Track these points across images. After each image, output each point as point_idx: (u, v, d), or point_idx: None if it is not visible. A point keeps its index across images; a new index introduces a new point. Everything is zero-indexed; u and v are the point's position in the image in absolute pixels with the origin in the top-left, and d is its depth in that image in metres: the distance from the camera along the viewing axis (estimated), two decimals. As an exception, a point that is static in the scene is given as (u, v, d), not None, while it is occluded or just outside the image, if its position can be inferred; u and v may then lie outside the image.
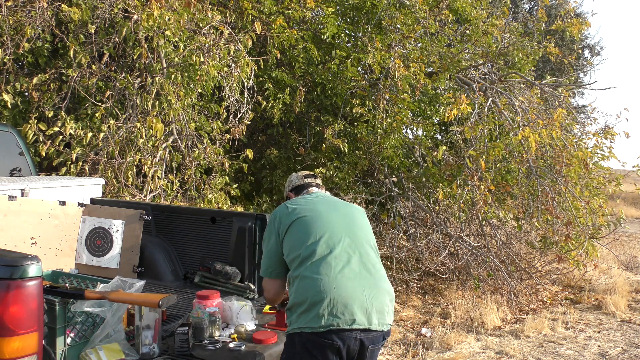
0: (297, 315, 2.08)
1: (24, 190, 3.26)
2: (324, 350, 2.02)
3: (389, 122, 6.14)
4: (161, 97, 5.09)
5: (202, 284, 3.23)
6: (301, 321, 2.05)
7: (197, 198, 5.44)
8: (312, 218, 2.22)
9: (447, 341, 4.71)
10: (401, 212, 6.64)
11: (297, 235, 2.18)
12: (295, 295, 2.09)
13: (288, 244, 2.19)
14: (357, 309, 2.05)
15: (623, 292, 6.33)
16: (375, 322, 2.08)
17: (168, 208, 3.71)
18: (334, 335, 2.02)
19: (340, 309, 2.03)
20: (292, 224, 2.21)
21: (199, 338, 2.41)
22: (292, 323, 2.10)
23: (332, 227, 2.21)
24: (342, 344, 2.03)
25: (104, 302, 2.21)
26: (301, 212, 2.24)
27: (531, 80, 7.47)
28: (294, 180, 2.59)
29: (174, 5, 5.00)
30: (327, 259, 2.11)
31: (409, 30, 6.93)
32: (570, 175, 5.96)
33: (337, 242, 2.17)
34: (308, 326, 2.03)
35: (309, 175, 2.62)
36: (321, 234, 2.17)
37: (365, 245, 2.24)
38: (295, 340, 2.07)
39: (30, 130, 4.62)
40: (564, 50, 11.59)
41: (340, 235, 2.20)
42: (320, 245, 2.13)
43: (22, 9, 4.80)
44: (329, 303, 2.02)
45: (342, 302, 2.03)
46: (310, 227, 2.19)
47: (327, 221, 2.22)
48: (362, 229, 2.29)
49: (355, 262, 2.14)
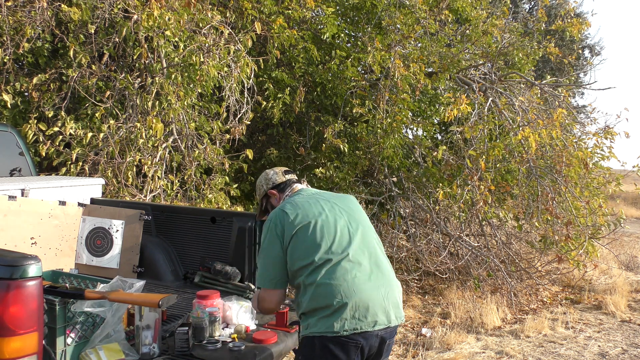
0: (317, 319, 2.06)
1: (24, 190, 3.26)
2: (348, 350, 2.04)
3: (389, 122, 6.14)
4: (161, 97, 5.09)
5: (202, 284, 3.23)
6: (321, 325, 2.04)
7: (197, 198, 5.44)
8: (318, 222, 2.17)
9: (447, 341, 4.71)
10: (401, 212, 6.64)
11: (307, 242, 2.13)
12: (312, 302, 2.07)
13: (296, 251, 2.13)
14: (378, 310, 2.08)
15: (623, 292, 6.33)
16: (393, 318, 2.13)
17: (168, 208, 3.71)
18: (357, 336, 2.04)
19: (363, 312, 2.05)
20: (297, 231, 2.15)
21: (199, 338, 2.41)
22: (310, 326, 2.07)
23: (341, 229, 2.19)
24: (365, 343, 2.06)
25: (104, 302, 2.21)
26: (305, 218, 2.18)
27: (531, 80, 7.47)
28: (273, 177, 2.47)
29: (174, 5, 5.00)
30: (342, 263, 2.10)
31: (409, 30, 6.93)
32: (570, 175, 5.96)
33: (348, 244, 2.16)
34: (331, 330, 2.02)
35: (288, 171, 2.52)
36: (332, 239, 2.14)
37: (372, 241, 2.25)
38: (315, 342, 2.06)
39: (30, 130, 4.62)
40: (564, 50, 11.59)
41: (349, 236, 2.18)
42: (334, 250, 2.12)
43: (22, 9, 4.80)
44: (352, 307, 2.04)
45: (363, 305, 2.05)
46: (319, 232, 2.15)
47: (334, 223, 2.19)
48: (364, 225, 2.29)
49: (367, 261, 2.16)
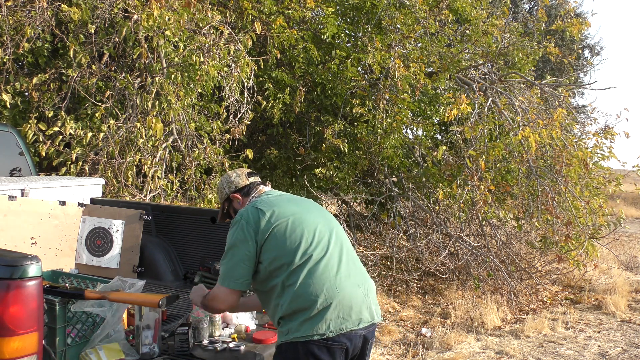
0: (299, 322, 1.98)
1: (24, 190, 3.26)
2: (333, 353, 1.99)
3: (389, 122, 6.14)
4: (161, 97, 5.09)
5: (202, 284, 3.22)
6: (306, 328, 1.97)
7: (197, 198, 5.44)
8: (295, 221, 2.10)
9: (447, 341, 4.71)
10: (401, 212, 6.64)
11: (286, 240, 2.05)
12: (293, 303, 1.99)
13: (273, 250, 2.04)
14: (362, 308, 2.05)
15: (623, 292, 6.33)
16: (375, 315, 2.11)
17: (168, 208, 3.71)
18: (342, 337, 2.00)
19: (347, 311, 2.01)
20: (274, 228, 2.06)
21: (199, 338, 2.42)
22: (292, 331, 1.99)
23: (316, 229, 2.13)
24: (350, 344, 2.02)
25: (104, 302, 2.21)
26: (281, 216, 2.10)
27: (531, 80, 7.47)
28: (236, 180, 2.36)
29: (174, 5, 5.00)
30: (323, 261, 2.05)
31: (409, 30, 6.94)
32: (570, 175, 5.96)
33: (325, 243, 2.11)
34: (317, 333, 1.96)
35: (251, 173, 2.41)
36: (311, 238, 2.09)
37: (345, 240, 2.22)
38: (298, 349, 1.97)
39: (30, 130, 4.62)
40: (564, 50, 11.59)
41: (325, 235, 2.13)
42: (313, 248, 2.06)
43: (22, 9, 4.80)
44: (336, 307, 1.99)
45: (347, 304, 2.02)
46: (298, 230, 2.08)
47: (309, 223, 2.12)
48: (336, 224, 2.25)
49: (345, 259, 2.13)
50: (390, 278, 6.38)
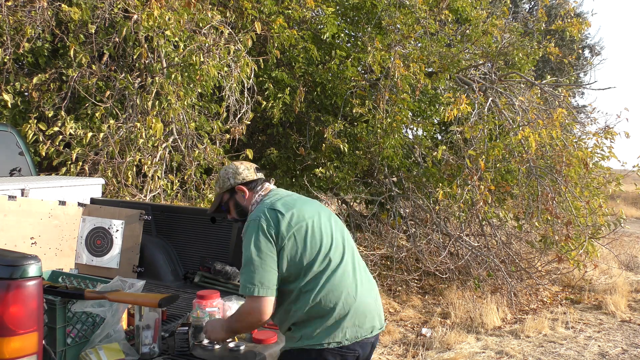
0: (314, 329, 1.94)
1: (24, 190, 3.26)
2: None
3: (389, 122, 6.14)
4: (161, 97, 5.09)
5: (202, 284, 3.23)
6: (322, 336, 1.93)
7: (197, 198, 5.44)
8: (314, 225, 2.03)
9: (447, 341, 4.71)
10: (401, 212, 6.64)
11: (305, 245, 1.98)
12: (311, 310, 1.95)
13: (293, 255, 1.97)
14: (374, 315, 2.05)
15: (623, 292, 6.33)
16: (382, 322, 2.11)
17: (168, 208, 3.70)
18: (356, 345, 1.98)
19: (362, 319, 2.00)
20: (295, 232, 1.98)
21: (199, 338, 2.41)
22: (306, 337, 1.95)
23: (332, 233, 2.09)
24: (362, 352, 2.01)
25: (104, 302, 2.21)
26: (301, 219, 2.02)
27: (531, 80, 7.47)
28: (244, 172, 2.22)
29: (174, 5, 5.00)
30: (340, 268, 2.00)
31: (409, 30, 6.93)
32: (570, 175, 5.96)
33: (341, 249, 2.07)
34: (334, 341, 1.93)
35: (259, 168, 2.31)
36: (329, 243, 2.03)
37: (354, 244, 2.20)
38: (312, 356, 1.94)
39: (30, 130, 4.62)
40: (564, 50, 11.58)
41: (339, 240, 2.09)
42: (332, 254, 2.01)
43: (22, 9, 4.80)
44: (353, 315, 1.97)
45: (362, 312, 2.00)
46: (317, 234, 2.02)
47: (326, 226, 2.08)
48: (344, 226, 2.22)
49: (357, 266, 2.11)
50: (390, 278, 6.38)
